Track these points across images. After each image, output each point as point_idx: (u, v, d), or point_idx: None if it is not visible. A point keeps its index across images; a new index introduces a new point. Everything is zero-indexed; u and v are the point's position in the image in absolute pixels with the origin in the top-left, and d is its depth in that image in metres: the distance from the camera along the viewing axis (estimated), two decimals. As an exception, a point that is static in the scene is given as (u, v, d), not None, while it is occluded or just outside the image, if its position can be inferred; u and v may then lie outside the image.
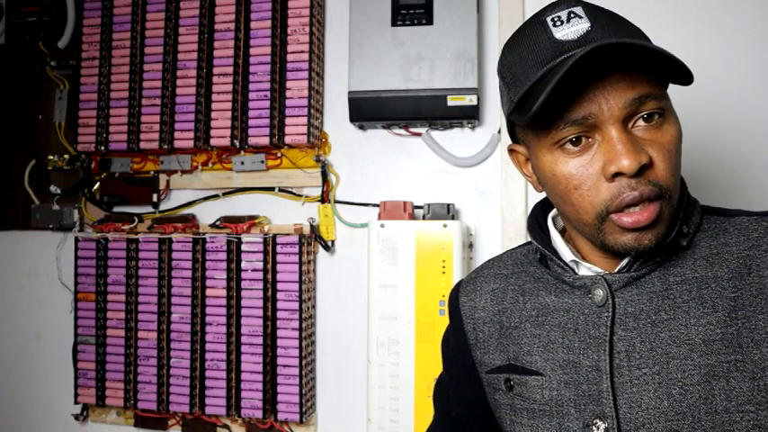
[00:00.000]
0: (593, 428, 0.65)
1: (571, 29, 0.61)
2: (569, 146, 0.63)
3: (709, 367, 0.61)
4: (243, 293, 1.40)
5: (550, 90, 0.57)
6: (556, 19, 0.63)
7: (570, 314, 0.69)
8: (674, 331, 0.63)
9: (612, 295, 0.66)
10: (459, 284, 0.84)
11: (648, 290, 0.66)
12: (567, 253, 0.70)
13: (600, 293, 0.66)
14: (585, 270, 0.69)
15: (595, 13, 0.63)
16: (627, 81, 0.60)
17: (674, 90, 0.67)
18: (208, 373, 1.41)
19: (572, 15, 0.62)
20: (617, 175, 0.60)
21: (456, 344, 0.82)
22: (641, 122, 0.62)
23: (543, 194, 0.74)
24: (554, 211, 0.76)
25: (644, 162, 0.60)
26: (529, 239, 0.78)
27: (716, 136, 1.26)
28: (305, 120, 1.38)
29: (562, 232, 0.75)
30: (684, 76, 0.61)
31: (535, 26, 0.65)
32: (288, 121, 1.38)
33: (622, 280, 0.66)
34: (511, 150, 0.74)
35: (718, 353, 0.61)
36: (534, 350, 0.71)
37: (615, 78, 0.60)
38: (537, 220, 0.76)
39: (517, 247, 0.83)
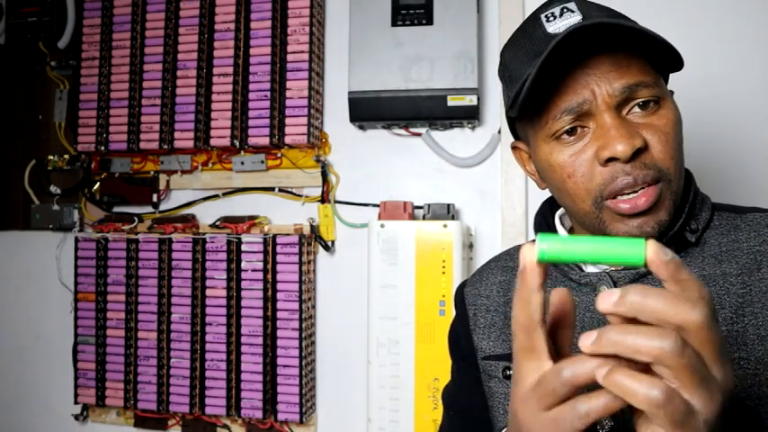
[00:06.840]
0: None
1: (563, 22, 0.62)
2: (565, 136, 0.63)
3: None
4: (243, 293, 1.40)
5: (535, 73, 0.58)
6: (549, 15, 0.64)
7: (576, 311, 0.68)
8: None
9: None
10: (465, 281, 0.85)
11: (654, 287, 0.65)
12: None
13: (605, 290, 0.66)
14: (592, 268, 0.69)
15: (588, 8, 0.64)
16: (618, 69, 0.61)
17: (676, 85, 0.67)
18: (208, 374, 1.41)
19: (564, 11, 0.63)
20: (611, 160, 0.60)
21: (460, 332, 0.82)
22: (636, 109, 0.62)
23: (548, 193, 0.74)
24: (561, 210, 0.76)
25: (638, 146, 0.59)
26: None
27: (720, 129, 1.26)
28: (305, 120, 1.38)
29: (570, 231, 0.75)
30: (675, 61, 0.62)
31: (530, 24, 0.66)
32: (288, 121, 1.38)
33: (628, 277, 0.65)
34: (514, 147, 0.75)
35: None
36: None
37: (606, 67, 0.61)
38: (544, 219, 0.76)
39: (526, 243, 0.83)
